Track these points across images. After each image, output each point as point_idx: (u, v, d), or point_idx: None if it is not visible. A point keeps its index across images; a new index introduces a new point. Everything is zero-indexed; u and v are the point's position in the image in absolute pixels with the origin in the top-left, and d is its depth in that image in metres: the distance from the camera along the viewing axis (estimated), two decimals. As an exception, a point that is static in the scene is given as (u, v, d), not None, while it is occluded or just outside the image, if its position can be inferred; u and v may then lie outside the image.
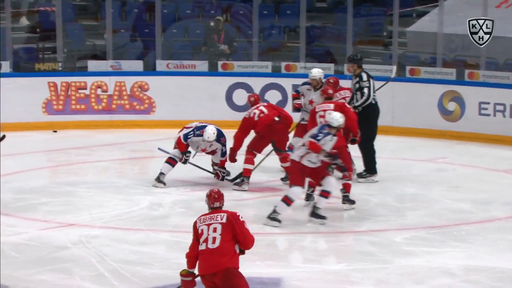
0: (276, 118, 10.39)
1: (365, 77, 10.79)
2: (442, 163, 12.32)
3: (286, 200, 8.82)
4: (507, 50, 13.98)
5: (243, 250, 6.15)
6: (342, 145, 9.43)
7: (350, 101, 10.76)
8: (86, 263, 7.67)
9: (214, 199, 6.18)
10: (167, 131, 10.66)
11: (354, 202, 9.64)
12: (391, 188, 10.60)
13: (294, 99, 11.21)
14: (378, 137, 10.96)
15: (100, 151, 12.99)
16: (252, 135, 10.53)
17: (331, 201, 9.28)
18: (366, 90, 10.74)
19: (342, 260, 8.07)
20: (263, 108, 10.49)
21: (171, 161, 10.43)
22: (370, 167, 10.85)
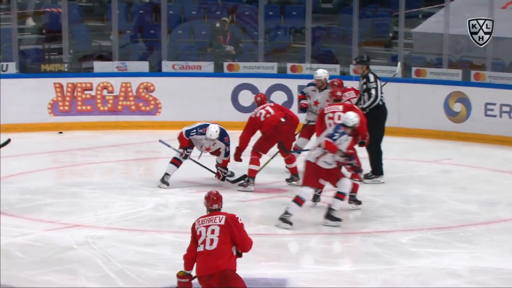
0: (283, 119, 10.38)
1: (372, 78, 10.77)
2: (448, 164, 12.30)
3: (297, 200, 8.81)
4: (513, 51, 13.99)
5: (240, 253, 6.13)
6: (351, 147, 9.42)
7: (358, 102, 10.75)
8: (91, 264, 7.67)
9: (212, 201, 6.18)
10: (172, 132, 10.65)
11: (360, 203, 9.64)
12: (397, 189, 10.59)
13: (300, 100, 11.22)
14: (384, 138, 10.94)
15: (105, 152, 13.00)
16: (257, 136, 10.52)
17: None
18: (373, 91, 10.72)
19: (348, 261, 8.06)
20: (270, 109, 10.47)
21: (175, 162, 10.43)
22: (376, 168, 10.84)
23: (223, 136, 10.33)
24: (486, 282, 7.40)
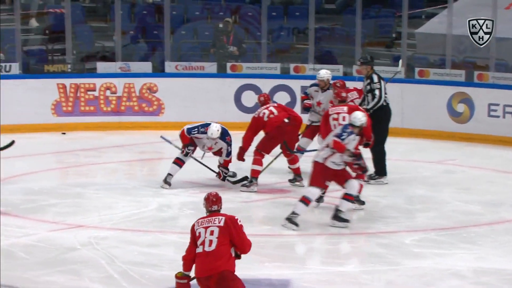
0: (286, 120, 10.37)
1: (376, 79, 10.76)
2: (452, 165, 12.29)
3: (304, 200, 8.80)
4: (516, 51, 13.98)
5: (239, 255, 6.11)
6: (355, 148, 9.40)
7: (361, 102, 10.75)
8: (95, 265, 7.68)
9: (212, 202, 6.18)
10: (176, 132, 10.64)
11: (364, 203, 9.63)
12: (401, 190, 10.58)
13: (303, 101, 11.22)
14: (387, 139, 10.93)
15: (109, 152, 13.01)
16: (260, 136, 10.51)
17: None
18: (377, 91, 10.71)
19: (351, 262, 8.06)
20: (273, 109, 10.46)
21: (178, 162, 10.43)
22: (380, 169, 10.83)
23: (224, 135, 10.31)
24: (490, 283, 7.39)
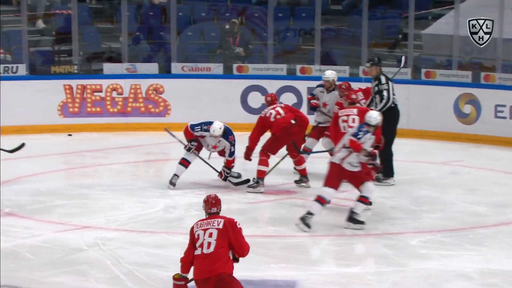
0: (293, 121, 10.37)
1: (384, 80, 10.75)
2: (458, 166, 12.27)
3: (320, 200, 8.78)
4: (523, 52, 13.96)
5: (237, 258, 6.09)
6: None
7: (369, 104, 10.74)
8: (101, 266, 7.68)
9: (211, 204, 6.16)
10: (182, 133, 10.64)
11: (370, 204, 9.61)
12: (407, 191, 10.56)
13: (310, 102, 11.22)
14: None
15: (115, 153, 13.02)
16: (266, 136, 10.50)
17: (346, 204, 9.28)
18: (385, 93, 10.70)
19: (357, 263, 8.04)
20: (280, 109, 10.45)
21: (184, 162, 10.44)
22: (387, 170, 10.81)
23: (228, 134, 10.30)
24: (497, 284, 7.38)
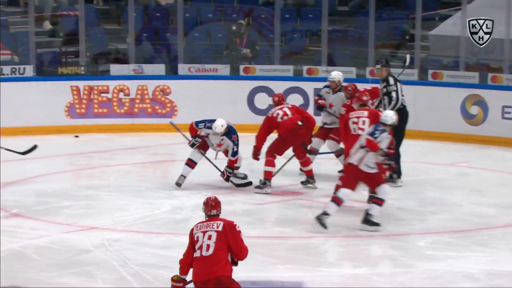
0: (299, 123, 10.36)
1: (392, 81, 10.74)
2: (465, 167, 12.25)
3: (336, 200, 8.77)
4: (531, 53, 13.93)
5: (236, 261, 6.08)
6: None
7: (378, 105, 10.72)
8: (108, 267, 7.69)
9: (211, 206, 6.16)
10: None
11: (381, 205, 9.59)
12: (414, 192, 10.56)
13: (317, 102, 11.22)
14: (401, 141, 10.92)
15: (122, 154, 13.03)
16: (273, 137, 10.50)
17: (354, 204, 9.29)
18: (394, 94, 10.68)
19: (364, 264, 8.03)
20: (287, 110, 10.44)
21: (190, 163, 10.45)
22: (394, 171, 10.78)
23: (231, 133, 10.28)
24: (504, 286, 7.36)
